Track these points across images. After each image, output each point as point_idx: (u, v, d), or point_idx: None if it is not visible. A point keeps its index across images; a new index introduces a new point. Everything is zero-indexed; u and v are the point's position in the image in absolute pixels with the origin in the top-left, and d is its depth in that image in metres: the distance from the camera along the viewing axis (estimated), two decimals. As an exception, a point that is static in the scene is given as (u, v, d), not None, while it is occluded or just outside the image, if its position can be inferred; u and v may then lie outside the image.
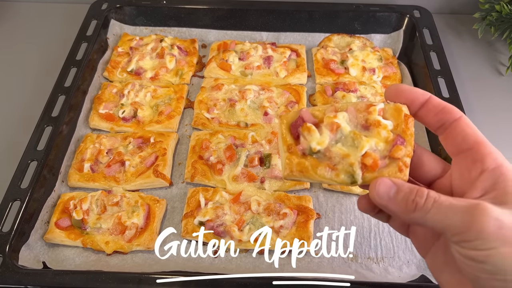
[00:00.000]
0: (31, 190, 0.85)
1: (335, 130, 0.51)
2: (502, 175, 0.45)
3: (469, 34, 1.32)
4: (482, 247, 0.41)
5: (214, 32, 1.26)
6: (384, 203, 0.48)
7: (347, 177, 0.50)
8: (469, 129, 0.49)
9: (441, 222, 0.44)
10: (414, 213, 0.45)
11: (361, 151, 0.50)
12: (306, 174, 0.51)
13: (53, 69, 1.10)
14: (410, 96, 0.52)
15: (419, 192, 0.46)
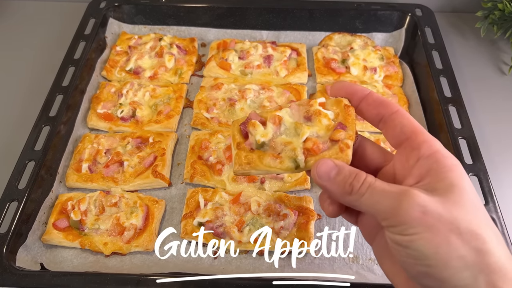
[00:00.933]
0: (29, 190, 0.85)
1: (278, 123, 0.56)
2: (436, 162, 0.47)
3: (471, 33, 1.32)
4: (406, 232, 0.43)
5: (213, 31, 1.26)
6: (323, 183, 0.50)
7: (291, 163, 0.54)
8: (405, 120, 0.51)
9: (372, 206, 0.47)
10: (350, 196, 0.48)
11: (302, 137, 0.54)
12: (253, 165, 0.55)
13: (51, 68, 1.10)
14: (350, 91, 0.56)
15: (357, 176, 0.48)
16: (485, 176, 0.86)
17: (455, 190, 0.45)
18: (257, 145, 0.56)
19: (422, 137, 0.49)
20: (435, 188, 0.45)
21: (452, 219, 0.43)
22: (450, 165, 0.46)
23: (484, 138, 1.03)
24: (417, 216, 0.43)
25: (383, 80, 1.13)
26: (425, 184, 0.46)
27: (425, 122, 1.03)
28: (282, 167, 0.54)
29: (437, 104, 1.00)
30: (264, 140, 0.56)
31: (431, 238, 0.42)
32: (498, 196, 0.84)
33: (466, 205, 0.44)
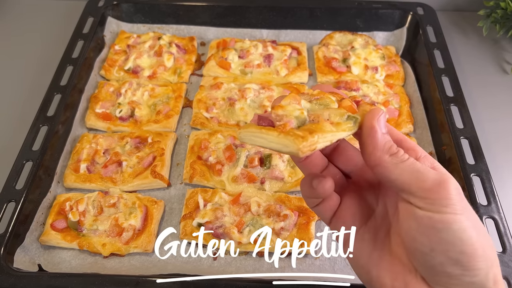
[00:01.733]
0: (26, 191, 0.85)
1: (300, 102, 0.51)
2: (435, 162, 0.49)
3: (473, 32, 1.32)
4: (447, 210, 0.43)
5: (213, 30, 1.26)
6: (377, 129, 0.48)
7: (348, 119, 0.49)
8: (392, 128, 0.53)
9: (411, 173, 0.46)
10: (389, 156, 0.47)
11: (334, 103, 0.51)
12: (318, 131, 0.46)
13: (49, 68, 1.10)
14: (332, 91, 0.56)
15: (400, 148, 0.49)
16: (487, 176, 0.86)
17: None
18: (298, 121, 0.49)
19: (412, 141, 0.52)
20: None
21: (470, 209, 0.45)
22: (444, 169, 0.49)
23: (486, 138, 1.03)
24: (457, 195, 0.44)
25: (384, 80, 1.13)
26: None
27: (426, 122, 1.03)
28: (343, 128, 0.48)
29: (439, 104, 1.00)
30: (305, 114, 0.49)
31: (466, 221, 0.43)
32: (500, 196, 0.84)
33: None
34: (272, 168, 0.93)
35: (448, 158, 0.93)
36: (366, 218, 0.55)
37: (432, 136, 1.00)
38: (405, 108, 1.06)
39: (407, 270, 0.48)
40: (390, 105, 1.06)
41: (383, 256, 0.51)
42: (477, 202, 0.82)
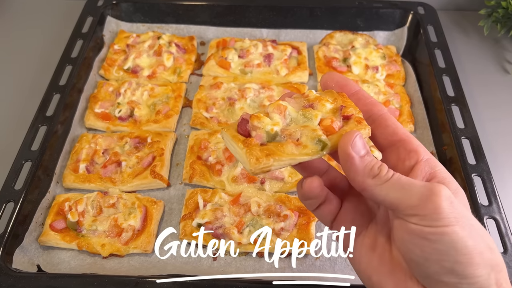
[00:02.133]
0: (25, 191, 0.85)
1: (283, 111, 0.52)
2: (437, 166, 0.49)
3: (474, 31, 1.33)
4: (437, 223, 0.42)
5: (213, 29, 1.26)
6: (354, 155, 0.47)
7: (316, 144, 0.49)
8: (397, 123, 0.52)
9: (397, 192, 0.45)
10: (372, 179, 0.47)
11: (316, 119, 0.51)
12: (274, 155, 0.48)
13: (48, 67, 1.10)
14: (342, 82, 0.56)
15: (383, 165, 0.48)
16: (488, 177, 0.86)
17: (460, 195, 0.47)
18: (269, 136, 0.50)
19: (417, 142, 0.50)
20: None
21: (468, 216, 0.44)
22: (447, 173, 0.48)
23: (487, 138, 1.03)
24: (448, 207, 0.42)
25: (385, 79, 1.13)
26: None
27: (427, 122, 1.03)
28: (307, 152, 0.49)
29: (439, 104, 1.00)
30: (277, 129, 0.50)
31: (460, 231, 0.42)
32: (501, 196, 0.84)
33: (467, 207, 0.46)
34: (272, 168, 0.93)
35: (449, 158, 0.93)
36: (367, 222, 0.54)
37: (433, 136, 1.00)
38: (405, 108, 1.06)
39: (408, 276, 0.48)
40: (391, 105, 1.06)
41: (383, 262, 0.50)
42: (478, 202, 0.82)
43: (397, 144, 0.51)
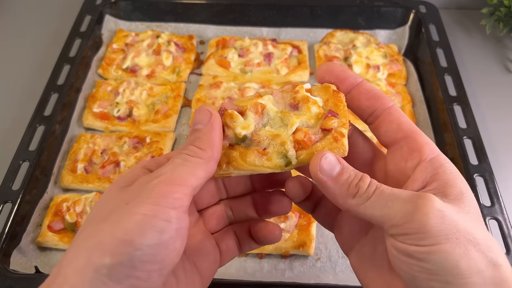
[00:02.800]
0: (23, 191, 0.85)
1: (261, 112, 0.49)
2: (441, 166, 0.43)
3: (477, 30, 1.32)
4: (424, 242, 0.38)
5: (212, 28, 1.26)
6: (325, 179, 0.43)
7: (280, 159, 0.46)
8: (402, 118, 0.47)
9: (380, 210, 0.41)
10: (353, 199, 0.42)
11: (292, 128, 0.47)
12: (235, 165, 0.47)
13: (46, 67, 1.10)
14: (341, 75, 0.50)
15: (363, 177, 0.43)
16: (490, 177, 0.86)
17: (465, 199, 0.42)
18: (237, 139, 0.48)
19: (422, 139, 0.45)
20: (445, 194, 0.42)
21: (468, 228, 0.39)
22: (455, 172, 0.43)
23: (490, 138, 1.03)
24: (436, 224, 0.38)
25: (386, 79, 1.13)
26: (434, 189, 0.42)
27: (429, 122, 1.03)
28: (269, 165, 0.46)
29: (441, 103, 1.00)
30: (246, 133, 0.48)
31: (451, 250, 0.38)
32: (504, 197, 0.84)
33: (476, 216, 0.41)
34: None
35: (451, 158, 0.93)
36: (367, 227, 0.50)
37: (434, 136, 1.00)
38: (407, 108, 1.06)
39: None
40: (392, 105, 1.06)
41: (382, 274, 0.46)
42: (480, 203, 0.82)
43: (401, 142, 0.47)
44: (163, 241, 0.38)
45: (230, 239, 0.54)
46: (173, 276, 0.46)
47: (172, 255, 0.40)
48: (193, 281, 0.49)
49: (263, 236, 0.53)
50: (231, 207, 0.55)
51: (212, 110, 0.47)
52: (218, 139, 0.45)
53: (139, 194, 0.40)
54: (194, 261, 0.50)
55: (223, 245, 0.53)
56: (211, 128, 0.45)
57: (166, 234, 0.38)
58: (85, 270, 0.37)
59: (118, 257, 0.37)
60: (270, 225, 0.53)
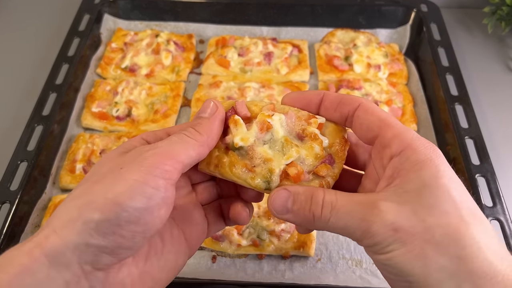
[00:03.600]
0: (21, 192, 0.85)
1: (265, 130, 0.51)
2: (407, 160, 0.43)
3: (478, 29, 1.32)
4: (382, 251, 0.41)
5: (212, 27, 1.26)
6: (284, 217, 0.47)
7: (263, 183, 0.49)
8: (370, 116, 0.47)
9: (342, 230, 0.44)
10: (315, 224, 0.45)
11: (287, 160, 0.49)
12: (221, 170, 0.50)
13: (44, 66, 1.10)
14: (304, 101, 0.52)
15: (314, 199, 0.45)
16: (492, 177, 0.86)
17: (426, 192, 0.41)
18: (233, 147, 0.51)
19: (392, 132, 0.45)
20: (405, 190, 0.42)
21: (426, 228, 0.40)
22: (422, 161, 0.42)
23: (492, 138, 1.03)
24: (389, 235, 0.41)
25: (387, 78, 1.13)
26: (395, 186, 0.43)
27: (430, 121, 1.03)
28: (251, 183, 0.49)
29: (443, 103, 1.00)
30: (243, 145, 0.50)
31: (405, 254, 0.40)
32: (506, 197, 0.84)
33: (442, 206, 0.41)
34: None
35: (453, 158, 0.93)
36: None
37: (436, 136, 1.00)
38: (408, 107, 1.06)
39: None
40: (393, 104, 1.06)
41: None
42: (482, 203, 0.82)
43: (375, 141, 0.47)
44: (149, 206, 0.42)
45: (218, 212, 0.57)
46: (159, 240, 0.50)
47: (156, 221, 0.43)
48: (179, 247, 0.52)
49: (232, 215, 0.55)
50: (220, 185, 0.59)
51: (220, 105, 0.51)
52: (216, 130, 0.50)
53: (134, 161, 0.44)
54: (183, 229, 0.53)
55: (211, 217, 0.57)
56: (213, 119, 0.50)
57: (152, 201, 0.42)
58: (75, 222, 0.40)
59: (106, 214, 0.40)
60: (238, 206, 0.55)
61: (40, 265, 0.39)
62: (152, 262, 0.48)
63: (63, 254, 0.40)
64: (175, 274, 0.52)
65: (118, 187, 0.42)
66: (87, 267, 0.41)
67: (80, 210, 0.41)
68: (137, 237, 0.43)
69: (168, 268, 0.50)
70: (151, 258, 0.48)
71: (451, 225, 0.40)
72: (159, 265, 0.49)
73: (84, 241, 0.40)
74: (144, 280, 0.47)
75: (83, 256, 0.41)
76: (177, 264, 0.51)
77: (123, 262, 0.45)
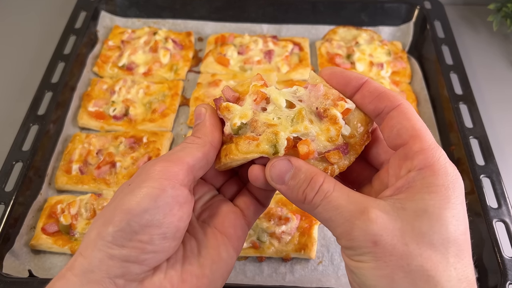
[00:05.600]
0: (16, 193, 0.85)
1: (260, 99, 0.50)
2: (424, 178, 0.42)
3: (483, 27, 1.33)
4: (354, 258, 0.42)
5: (211, 25, 1.26)
6: (277, 186, 0.48)
7: (269, 147, 0.47)
8: (405, 121, 0.45)
9: (326, 222, 0.45)
10: (303, 205, 0.46)
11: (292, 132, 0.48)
12: (231, 156, 0.50)
13: (39, 64, 1.10)
14: (343, 80, 0.50)
15: (312, 183, 0.45)
16: (497, 178, 0.86)
17: (424, 218, 0.40)
18: (235, 130, 0.50)
19: (420, 145, 0.43)
20: (404, 207, 0.41)
21: (405, 254, 0.39)
22: (435, 186, 0.41)
23: (497, 138, 1.03)
24: (367, 246, 0.41)
25: (390, 77, 1.13)
26: (397, 200, 0.42)
27: (434, 121, 1.03)
28: (258, 150, 0.47)
29: (447, 102, 1.00)
30: (243, 123, 0.50)
31: (374, 270, 0.40)
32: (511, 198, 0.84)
33: (431, 238, 0.40)
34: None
35: (457, 158, 0.93)
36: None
37: (440, 136, 1.00)
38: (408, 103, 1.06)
39: None
40: (396, 103, 1.06)
41: None
42: (487, 204, 0.82)
43: (400, 149, 0.45)
44: (157, 206, 0.44)
45: (247, 196, 0.58)
46: (193, 240, 0.52)
47: (171, 219, 0.45)
48: (215, 241, 0.53)
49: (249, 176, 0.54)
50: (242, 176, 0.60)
51: (206, 105, 0.53)
52: (212, 127, 0.52)
53: (140, 175, 0.47)
54: (215, 225, 0.54)
55: (243, 203, 0.58)
56: (206, 119, 0.52)
57: (160, 201, 0.44)
58: (95, 241, 0.44)
59: (118, 224, 0.43)
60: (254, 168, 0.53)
61: (72, 285, 0.43)
62: (191, 261, 0.50)
63: (91, 271, 0.43)
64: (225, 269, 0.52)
65: (127, 199, 0.45)
66: (120, 281, 0.44)
67: (98, 229, 0.44)
68: (155, 239, 0.44)
69: (210, 262, 0.51)
70: (188, 258, 0.50)
71: (431, 260, 0.39)
72: (199, 262, 0.50)
73: (106, 254, 0.43)
74: (187, 280, 0.48)
75: (111, 270, 0.43)
76: (220, 257, 0.52)
77: (158, 268, 0.47)
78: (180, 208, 0.46)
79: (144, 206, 0.43)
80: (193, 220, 0.54)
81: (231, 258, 0.53)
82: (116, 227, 0.43)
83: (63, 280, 0.43)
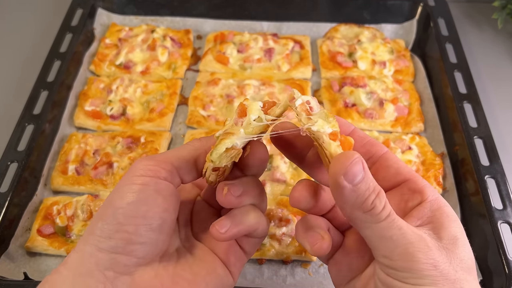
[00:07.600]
0: (11, 194, 0.85)
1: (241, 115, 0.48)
2: (439, 208, 0.47)
3: (488, 24, 1.33)
4: (410, 281, 0.43)
5: (210, 22, 1.26)
6: (345, 185, 0.42)
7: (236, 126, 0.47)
8: (400, 162, 0.51)
9: (382, 239, 0.44)
10: (363, 214, 0.43)
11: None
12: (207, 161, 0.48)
13: (35, 63, 1.10)
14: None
15: (380, 195, 0.43)
16: (502, 179, 0.86)
17: (459, 245, 0.45)
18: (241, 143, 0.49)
19: (422, 181, 0.49)
20: (440, 236, 0.45)
21: (457, 279, 0.43)
22: (452, 215, 0.47)
23: (502, 138, 1.03)
24: (429, 269, 0.42)
25: (393, 75, 1.13)
26: (430, 230, 0.46)
27: (438, 120, 1.03)
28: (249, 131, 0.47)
29: (451, 101, 1.00)
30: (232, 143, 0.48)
31: None
32: (516, 200, 0.84)
33: (468, 263, 0.45)
34: (273, 169, 0.93)
35: (461, 159, 0.93)
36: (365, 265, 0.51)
37: (444, 136, 1.00)
38: (415, 106, 1.06)
39: None
40: (399, 103, 1.06)
41: None
42: (491, 206, 0.82)
43: (401, 185, 0.50)
44: (140, 198, 0.47)
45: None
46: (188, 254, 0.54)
47: (156, 210, 0.48)
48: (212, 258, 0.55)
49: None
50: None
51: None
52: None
53: (126, 174, 0.50)
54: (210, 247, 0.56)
55: None
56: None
57: (143, 194, 0.47)
58: (86, 237, 0.48)
59: (104, 218, 0.47)
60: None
61: (63, 278, 0.46)
62: (184, 267, 0.52)
63: (82, 264, 0.46)
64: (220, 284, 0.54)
65: (112, 196, 0.48)
66: (109, 273, 0.46)
67: (90, 228, 0.48)
68: (141, 229, 0.47)
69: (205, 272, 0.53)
70: (181, 264, 0.52)
71: (472, 285, 0.44)
72: (192, 269, 0.52)
73: (95, 247, 0.46)
74: (178, 282, 0.50)
75: (100, 262, 0.46)
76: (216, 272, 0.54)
77: (148, 264, 0.49)
78: (165, 200, 0.49)
79: (127, 199, 0.47)
80: (189, 236, 0.56)
81: (227, 276, 0.54)
82: (102, 221, 0.47)
83: (56, 275, 0.47)
